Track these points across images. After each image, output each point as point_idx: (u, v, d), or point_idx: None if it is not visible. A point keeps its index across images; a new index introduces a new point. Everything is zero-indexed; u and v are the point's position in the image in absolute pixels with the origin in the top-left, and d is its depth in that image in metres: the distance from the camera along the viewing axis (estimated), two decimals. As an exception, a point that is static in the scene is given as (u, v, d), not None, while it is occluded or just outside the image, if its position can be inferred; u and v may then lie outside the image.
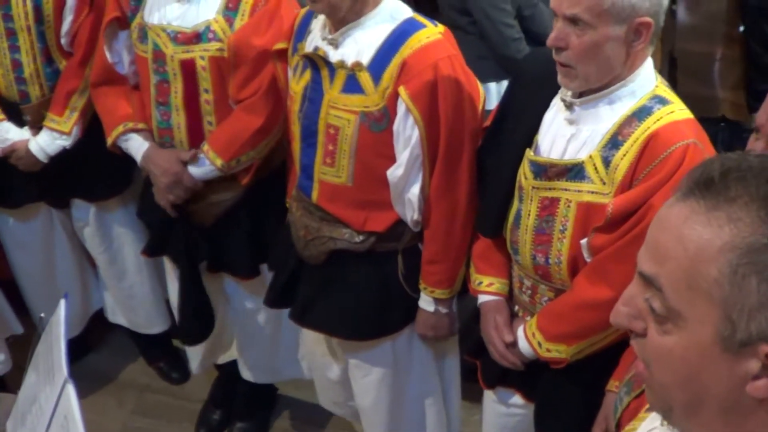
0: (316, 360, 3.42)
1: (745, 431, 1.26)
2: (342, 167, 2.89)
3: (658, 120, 2.45)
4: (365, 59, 2.79)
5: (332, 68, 2.82)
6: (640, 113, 2.47)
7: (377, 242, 2.97)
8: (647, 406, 1.57)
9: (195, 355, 3.86)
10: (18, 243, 4.02)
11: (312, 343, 3.39)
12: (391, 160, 2.83)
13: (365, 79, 2.78)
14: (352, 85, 2.81)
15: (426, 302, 3.00)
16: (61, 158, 3.67)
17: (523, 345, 2.72)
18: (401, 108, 2.75)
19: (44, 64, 3.62)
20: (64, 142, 3.65)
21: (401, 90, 2.72)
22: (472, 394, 3.47)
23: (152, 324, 4.15)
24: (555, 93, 2.61)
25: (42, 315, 2.52)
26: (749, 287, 1.18)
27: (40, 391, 2.31)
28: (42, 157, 3.64)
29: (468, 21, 3.82)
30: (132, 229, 4.00)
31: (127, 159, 3.63)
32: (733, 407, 1.26)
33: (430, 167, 2.81)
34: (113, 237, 4.02)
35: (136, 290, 4.08)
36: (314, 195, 2.97)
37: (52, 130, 3.63)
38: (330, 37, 2.83)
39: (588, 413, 2.67)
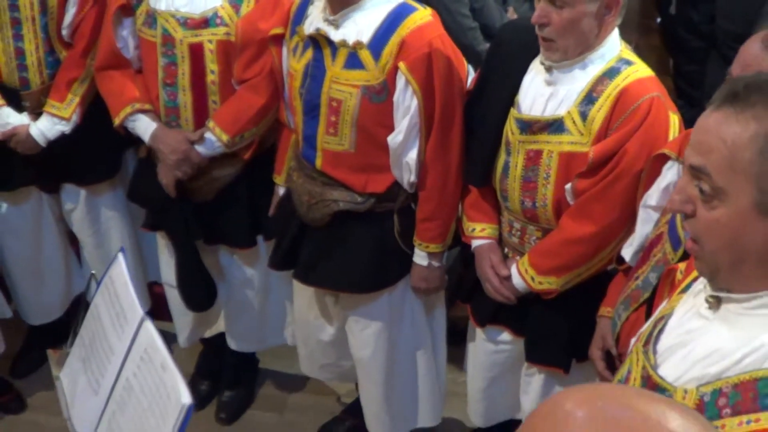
0: (307, 325, 3.89)
1: None
2: (344, 136, 3.36)
3: (626, 78, 3.01)
4: (365, 38, 3.28)
5: (334, 47, 3.32)
6: (610, 73, 3.03)
7: (376, 203, 3.46)
8: (679, 289, 2.07)
9: (183, 329, 4.28)
10: (8, 227, 4.31)
11: (305, 308, 3.86)
12: (389, 128, 3.33)
13: (366, 56, 3.28)
14: (353, 62, 3.30)
15: (420, 257, 3.51)
16: (54, 143, 4.03)
17: (516, 281, 3.25)
18: (401, 81, 3.25)
19: (46, 53, 3.98)
20: (64, 127, 4.00)
21: (401, 65, 3.23)
22: (458, 359, 3.96)
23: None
24: (531, 59, 3.16)
25: (93, 272, 2.90)
26: None
27: (106, 336, 2.61)
28: (42, 141, 4.00)
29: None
30: (119, 212, 4.36)
31: (118, 144, 4.10)
32: (764, 259, 1.78)
33: (426, 133, 3.32)
34: (101, 221, 4.36)
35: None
36: (318, 162, 3.45)
37: (53, 115, 3.98)
38: (331, 18, 3.32)
39: (574, 338, 3.24)
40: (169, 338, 3.82)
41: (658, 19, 5.29)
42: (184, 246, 3.96)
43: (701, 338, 1.87)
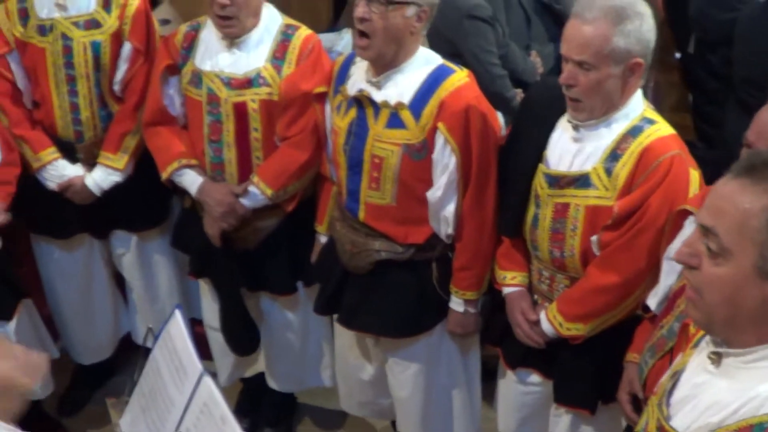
0: (348, 365, 4.18)
1: (766, 336, 2.04)
2: (386, 190, 3.64)
3: (648, 136, 3.25)
4: (406, 99, 3.56)
5: (377, 107, 3.60)
6: (634, 131, 3.27)
7: (416, 252, 3.74)
8: (691, 344, 2.31)
9: (224, 369, 4.56)
10: (61, 273, 4.60)
11: (345, 350, 4.15)
12: (428, 183, 3.61)
13: (407, 116, 3.55)
14: (395, 122, 3.57)
15: (457, 304, 3.78)
16: (106, 192, 4.32)
17: (545, 326, 3.49)
18: (440, 140, 3.53)
19: (99, 108, 4.28)
20: (117, 177, 4.30)
21: (440, 125, 3.50)
22: (488, 396, 4.20)
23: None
24: (559, 116, 3.43)
25: (150, 326, 3.06)
26: None
27: (165, 388, 2.76)
28: (96, 191, 4.30)
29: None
30: (167, 256, 4.65)
31: (166, 192, 4.37)
32: (758, 317, 2.01)
33: (463, 189, 3.59)
34: (150, 265, 4.65)
35: (168, 313, 4.48)
36: (361, 215, 3.73)
37: (107, 166, 4.29)
38: (374, 80, 3.61)
39: (600, 381, 3.48)
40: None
41: (677, 55, 5.40)
42: (228, 293, 4.25)
43: (706, 391, 2.12)
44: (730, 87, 4.62)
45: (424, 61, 3.58)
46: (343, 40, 4.95)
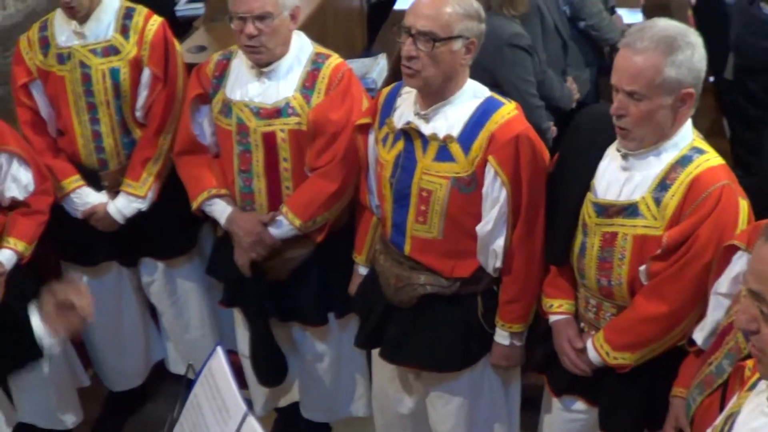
0: (387, 398, 4.18)
1: None
2: (433, 224, 3.64)
3: (698, 166, 3.25)
4: (455, 132, 3.56)
5: (425, 139, 3.61)
6: (683, 161, 3.27)
7: (461, 286, 3.75)
8: (747, 386, 2.35)
9: (259, 398, 4.58)
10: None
11: (385, 383, 4.16)
12: (476, 217, 3.63)
13: (456, 149, 3.55)
14: (444, 154, 3.58)
15: (502, 337, 3.79)
16: (133, 220, 4.35)
17: (592, 355, 3.51)
18: (490, 173, 3.54)
19: (122, 135, 4.31)
20: (140, 205, 4.33)
21: (490, 158, 3.51)
22: (524, 422, 4.19)
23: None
24: (607, 145, 3.44)
25: (191, 363, 3.06)
26: None
27: (207, 426, 2.75)
28: (119, 219, 4.32)
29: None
30: (197, 284, 4.68)
31: (194, 220, 4.38)
32: None
33: (513, 222, 3.61)
34: (180, 292, 4.68)
35: (199, 342, 4.74)
36: (407, 248, 3.74)
37: (129, 194, 4.31)
38: (422, 112, 3.61)
39: (645, 409, 3.50)
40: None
41: (711, 78, 5.38)
42: (258, 323, 4.26)
43: None
44: (768, 114, 4.66)
45: (472, 93, 3.59)
46: (378, 66, 4.96)
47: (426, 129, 3.57)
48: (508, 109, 3.56)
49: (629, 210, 3.30)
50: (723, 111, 5.48)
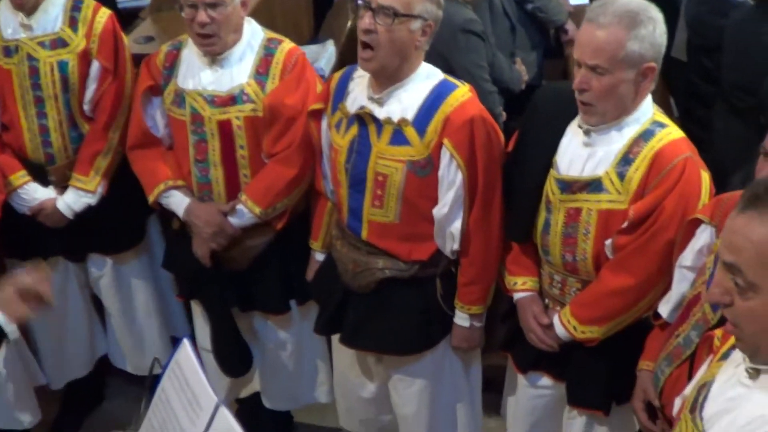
0: (348, 383, 4.16)
1: None
2: (390, 208, 3.63)
3: (660, 140, 3.29)
4: (410, 115, 3.55)
5: (379, 124, 3.59)
6: (645, 135, 3.30)
7: (419, 269, 3.73)
8: (718, 356, 2.35)
9: (218, 390, 4.32)
10: None
11: (345, 368, 4.14)
12: (433, 200, 3.62)
13: (411, 132, 3.54)
14: (399, 138, 3.56)
15: (462, 318, 3.79)
16: (80, 215, 4.28)
17: (559, 330, 3.52)
18: (445, 156, 3.53)
19: (70, 129, 4.22)
20: (90, 200, 4.25)
21: (446, 141, 3.51)
22: (486, 404, 4.19)
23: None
24: (568, 122, 3.45)
25: (156, 357, 2.99)
26: None
27: (178, 420, 2.69)
28: (68, 214, 4.25)
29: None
30: (144, 278, 4.62)
31: (141, 214, 4.38)
32: None
33: (469, 204, 3.59)
34: (127, 287, 4.61)
35: (146, 335, 4.69)
36: (364, 233, 3.71)
37: (78, 189, 4.23)
38: (376, 96, 3.59)
39: (614, 382, 3.52)
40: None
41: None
42: (219, 314, 4.21)
43: (744, 405, 2.15)
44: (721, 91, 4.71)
45: (425, 76, 3.58)
46: (327, 52, 4.93)
47: (380, 113, 3.55)
48: (462, 91, 3.55)
49: (593, 185, 3.32)
50: (669, 90, 5.54)
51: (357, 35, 3.50)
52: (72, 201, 4.20)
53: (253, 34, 3.94)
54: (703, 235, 3.12)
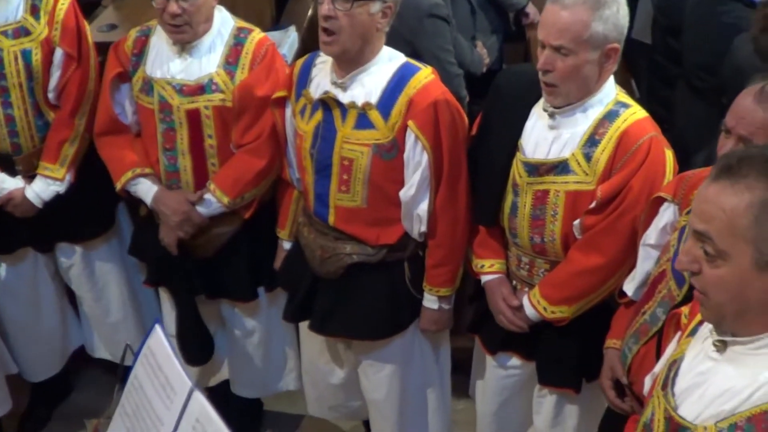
0: (317, 370, 4.17)
1: None
2: (356, 192, 3.64)
3: (625, 120, 3.32)
4: (374, 99, 3.55)
5: (344, 108, 3.59)
6: (610, 116, 3.34)
7: (387, 253, 3.74)
8: (686, 332, 2.39)
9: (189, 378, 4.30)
10: (5, 288, 4.49)
11: (314, 355, 4.15)
12: (399, 183, 3.62)
13: (375, 116, 3.55)
14: (363, 122, 3.57)
15: (430, 301, 3.80)
16: (48, 204, 4.23)
17: (529, 311, 3.55)
18: (410, 138, 3.54)
19: (35, 117, 4.18)
20: (58, 187, 4.21)
21: (410, 123, 3.51)
22: (454, 386, 4.22)
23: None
24: (531, 105, 3.48)
25: (128, 343, 2.94)
26: (767, 226, 2.01)
27: (152, 406, 2.69)
28: (38, 203, 4.20)
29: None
30: (116, 265, 4.58)
31: (110, 201, 4.33)
32: (766, 306, 2.08)
33: (435, 186, 3.60)
34: (98, 275, 4.57)
35: (121, 324, 4.65)
36: (331, 219, 3.72)
37: (47, 177, 4.19)
38: (339, 81, 3.59)
39: (583, 360, 3.57)
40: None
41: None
42: (184, 302, 4.20)
43: (713, 379, 2.19)
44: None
45: (388, 59, 3.58)
46: (290, 39, 4.93)
47: (344, 97, 3.55)
48: (425, 73, 3.56)
49: (560, 167, 3.34)
50: (630, 71, 5.58)
51: (318, 21, 3.50)
52: (40, 190, 4.16)
53: (224, 22, 3.93)
54: (667, 213, 3.15)
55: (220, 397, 4.55)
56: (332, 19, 3.41)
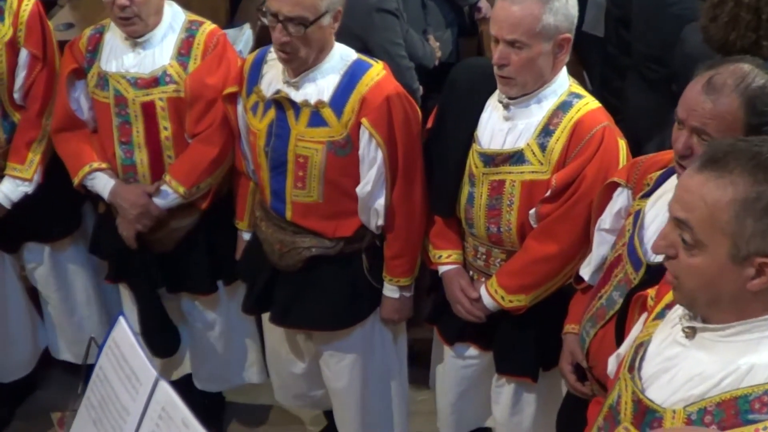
0: (280, 359, 4.18)
1: (745, 314, 2.11)
2: (312, 188, 3.64)
3: (578, 110, 3.37)
4: (326, 97, 3.56)
5: (297, 107, 3.58)
6: (563, 106, 3.38)
7: (345, 245, 3.75)
8: (653, 315, 2.41)
9: None
10: None
11: (276, 345, 4.15)
12: (354, 177, 3.63)
13: (328, 113, 3.55)
14: (317, 120, 3.57)
15: (391, 291, 3.82)
16: (15, 204, 4.18)
17: (487, 301, 3.56)
18: (365, 135, 3.55)
19: (2, 119, 4.15)
20: (27, 188, 4.16)
21: (364, 121, 3.52)
22: (414, 377, 4.26)
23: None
24: (487, 97, 3.49)
25: (93, 336, 2.94)
26: (746, 224, 2.02)
27: (117, 396, 2.69)
28: (6, 204, 4.16)
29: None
30: (82, 265, 4.54)
31: (77, 199, 4.29)
32: (738, 299, 2.08)
33: (391, 180, 3.61)
34: (66, 275, 4.53)
35: (86, 323, 4.61)
36: (288, 214, 3.72)
37: (15, 177, 4.15)
38: (292, 80, 3.58)
39: (540, 349, 3.60)
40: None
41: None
42: (146, 296, 4.20)
43: (682, 363, 2.19)
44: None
45: (339, 57, 3.58)
46: (244, 36, 4.92)
47: (297, 96, 3.55)
48: (377, 70, 3.57)
49: (515, 157, 3.37)
50: (582, 63, 5.64)
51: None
52: (9, 191, 4.12)
53: (175, 16, 3.92)
54: (620, 198, 3.18)
55: (183, 390, 4.54)
56: (286, 45, 3.43)
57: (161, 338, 4.26)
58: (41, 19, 4.11)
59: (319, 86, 3.55)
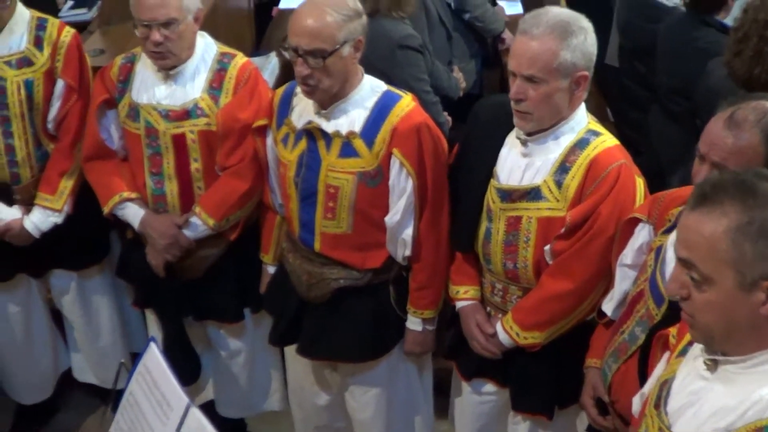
0: (303, 391, 4.20)
1: (764, 341, 2.18)
2: (342, 219, 3.69)
3: (595, 148, 3.38)
4: (357, 128, 3.61)
5: (328, 137, 3.63)
6: (581, 144, 3.40)
7: (373, 276, 3.80)
8: (676, 353, 2.46)
9: None
10: (1, 315, 4.51)
11: (300, 377, 4.18)
12: (384, 209, 3.68)
13: (359, 144, 3.61)
14: (348, 151, 3.63)
15: (414, 323, 3.85)
16: (45, 231, 4.24)
17: (502, 337, 3.59)
18: (395, 166, 3.60)
19: (35, 148, 4.22)
20: (57, 218, 4.24)
21: (395, 151, 3.58)
22: (437, 407, 4.29)
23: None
24: (506, 133, 3.53)
25: (123, 360, 3.07)
26: (745, 248, 2.10)
27: (148, 422, 2.78)
28: (36, 234, 4.22)
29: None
30: (108, 293, 4.62)
31: (106, 229, 4.36)
32: (754, 326, 2.16)
33: (419, 211, 3.66)
34: (92, 303, 4.61)
35: (110, 349, 4.68)
36: (317, 245, 3.76)
37: (45, 208, 4.22)
38: (323, 111, 3.64)
39: (555, 387, 3.62)
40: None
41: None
42: (171, 323, 4.25)
43: (706, 397, 2.25)
44: (655, 94, 4.80)
45: (369, 88, 3.64)
46: (270, 64, 5.00)
47: (328, 127, 3.60)
48: (407, 101, 3.62)
49: (532, 194, 3.39)
50: (604, 96, 5.71)
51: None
52: (39, 221, 4.18)
53: (207, 48, 3.98)
54: (642, 233, 3.22)
55: (205, 416, 4.64)
56: (309, 77, 3.49)
57: (183, 365, 4.24)
58: (79, 51, 4.19)
59: (350, 117, 3.60)
